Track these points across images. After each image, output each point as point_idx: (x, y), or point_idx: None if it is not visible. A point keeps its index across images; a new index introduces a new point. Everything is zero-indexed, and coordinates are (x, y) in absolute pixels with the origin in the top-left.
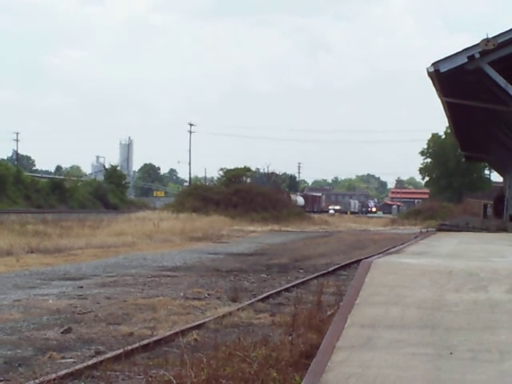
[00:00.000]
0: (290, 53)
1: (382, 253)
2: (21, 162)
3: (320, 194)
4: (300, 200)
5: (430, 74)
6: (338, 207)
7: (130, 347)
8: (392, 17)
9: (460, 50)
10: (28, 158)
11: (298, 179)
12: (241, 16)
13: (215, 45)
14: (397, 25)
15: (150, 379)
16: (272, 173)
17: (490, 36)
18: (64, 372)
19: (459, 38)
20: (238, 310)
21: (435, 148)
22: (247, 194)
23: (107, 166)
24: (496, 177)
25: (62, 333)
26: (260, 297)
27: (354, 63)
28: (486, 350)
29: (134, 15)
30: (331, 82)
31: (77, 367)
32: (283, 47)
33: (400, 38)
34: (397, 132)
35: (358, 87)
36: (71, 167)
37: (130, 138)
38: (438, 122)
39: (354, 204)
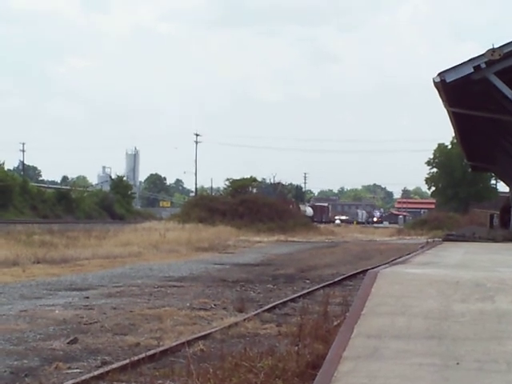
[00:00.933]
0: (295, 62)
1: (388, 263)
2: (27, 172)
3: (327, 205)
4: (309, 210)
5: (436, 84)
6: (344, 217)
7: (136, 357)
8: (398, 26)
9: (466, 59)
10: (34, 168)
11: (304, 189)
12: (246, 26)
13: (221, 54)
14: (403, 34)
15: None
16: (278, 183)
17: (495, 46)
18: (70, 382)
19: (466, 46)
20: (245, 320)
21: (441, 158)
22: (253, 205)
23: (113, 177)
24: (502, 187)
25: (68, 343)
26: (266, 307)
27: (360, 72)
28: (492, 360)
29: (140, 24)
30: (337, 91)
31: (83, 378)
32: (289, 57)
33: (406, 47)
34: (403, 142)
35: (363, 97)
36: (77, 177)
37: (136, 148)
38: (444, 131)
39: (362, 214)
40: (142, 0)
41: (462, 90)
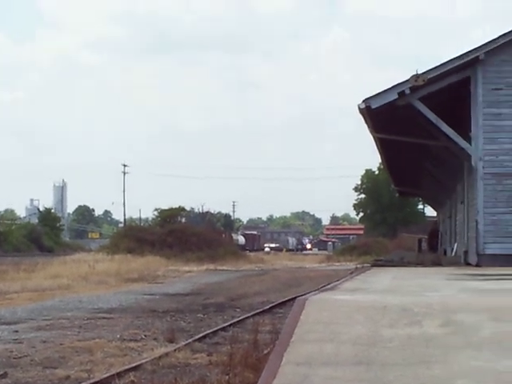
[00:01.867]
0: (219, 91)
1: (317, 290)
2: None
3: (258, 233)
4: (241, 239)
5: (361, 110)
6: (273, 245)
7: None
8: (320, 55)
9: (390, 86)
10: None
11: (232, 218)
12: (170, 55)
13: (147, 84)
14: (326, 62)
15: None
16: (207, 212)
17: (419, 72)
18: None
19: (388, 73)
20: (175, 350)
21: (369, 184)
22: (182, 234)
23: (41, 209)
24: (430, 211)
25: None
26: (197, 337)
27: (284, 101)
28: None
29: (63, 54)
30: (261, 119)
31: None
32: (213, 85)
33: (329, 74)
34: (331, 169)
35: (288, 124)
36: (5, 210)
37: (63, 180)
38: (371, 157)
39: (292, 241)
40: (65, 29)
41: (388, 116)
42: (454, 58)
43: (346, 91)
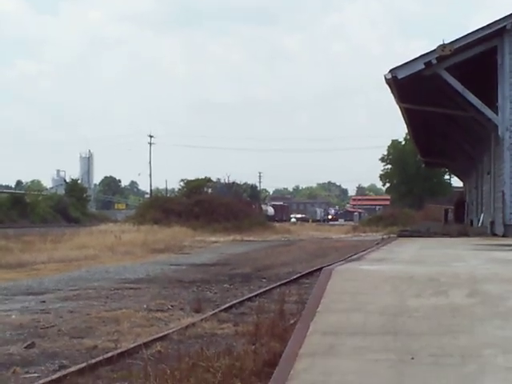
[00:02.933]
0: (248, 62)
1: (343, 260)
2: None
3: (287, 204)
4: (270, 210)
5: (387, 80)
6: (299, 215)
7: (93, 360)
8: (349, 25)
9: (417, 56)
10: None
11: (259, 188)
12: (196, 26)
13: (172, 55)
14: (354, 32)
15: None
16: (233, 183)
17: (446, 42)
18: None
19: (417, 43)
20: (202, 320)
21: (395, 154)
22: (209, 205)
23: (68, 180)
24: (456, 182)
25: (25, 348)
26: (223, 307)
27: (313, 71)
28: (447, 354)
29: (88, 27)
30: (290, 91)
31: (41, 382)
32: (242, 57)
33: (358, 45)
34: (357, 139)
35: (316, 96)
36: (32, 182)
37: (90, 151)
38: (398, 128)
39: (320, 212)
40: (90, 4)
41: (414, 86)
42: (481, 28)
43: (374, 61)
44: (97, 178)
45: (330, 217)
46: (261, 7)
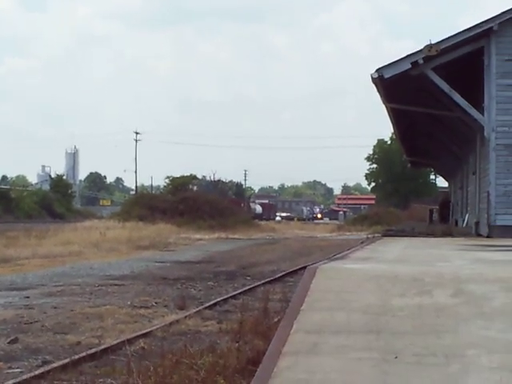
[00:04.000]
0: (236, 60)
1: (327, 259)
2: None
3: (274, 203)
4: (258, 208)
5: (374, 80)
6: (284, 214)
7: (77, 356)
8: (336, 25)
9: (404, 55)
10: None
11: (244, 186)
12: (184, 24)
13: (160, 54)
14: (342, 32)
15: None
16: (218, 180)
17: (433, 42)
18: (11, 382)
19: (404, 44)
20: (185, 317)
21: (381, 154)
22: (194, 202)
23: (53, 176)
24: (442, 182)
25: (8, 343)
26: (207, 304)
27: (301, 70)
28: (431, 353)
29: (76, 24)
30: (277, 90)
31: (24, 377)
32: (230, 56)
33: (345, 45)
34: (343, 138)
35: (302, 95)
36: (17, 177)
37: (75, 146)
38: (384, 127)
39: (307, 211)
40: (78, 0)
41: (400, 86)
42: (468, 29)
43: (361, 61)
44: (82, 174)
45: (319, 215)
46: (249, 6)
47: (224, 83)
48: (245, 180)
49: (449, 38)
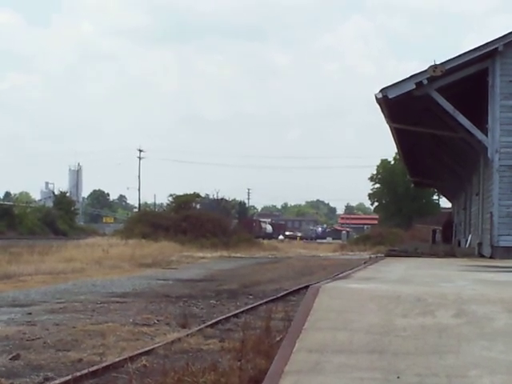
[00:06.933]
0: (239, 78)
1: (330, 278)
2: None
3: (284, 223)
4: (269, 228)
5: (378, 100)
6: (287, 233)
7: (78, 373)
8: (340, 44)
9: (408, 76)
10: None
11: (247, 205)
12: (187, 42)
13: (164, 72)
14: (345, 52)
15: None
16: (222, 199)
17: (437, 62)
18: None
19: (407, 64)
20: (188, 335)
21: (384, 174)
22: (197, 220)
23: (56, 192)
24: (445, 202)
25: (10, 359)
26: (209, 323)
27: (304, 89)
28: (433, 374)
29: (81, 40)
30: (280, 108)
31: None
32: (232, 73)
33: (349, 64)
34: (346, 158)
35: (306, 114)
36: (20, 193)
37: (79, 164)
38: (387, 147)
39: (316, 230)
40: (83, 16)
41: (404, 106)
42: (473, 49)
43: (364, 81)
44: (85, 192)
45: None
46: (252, 25)
47: (226, 101)
48: (248, 199)
49: (453, 58)
